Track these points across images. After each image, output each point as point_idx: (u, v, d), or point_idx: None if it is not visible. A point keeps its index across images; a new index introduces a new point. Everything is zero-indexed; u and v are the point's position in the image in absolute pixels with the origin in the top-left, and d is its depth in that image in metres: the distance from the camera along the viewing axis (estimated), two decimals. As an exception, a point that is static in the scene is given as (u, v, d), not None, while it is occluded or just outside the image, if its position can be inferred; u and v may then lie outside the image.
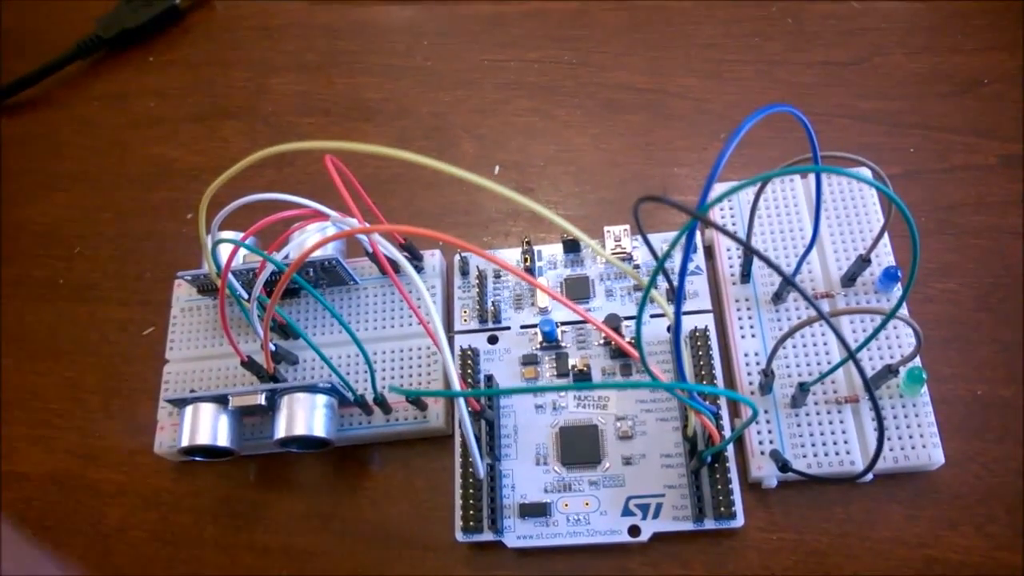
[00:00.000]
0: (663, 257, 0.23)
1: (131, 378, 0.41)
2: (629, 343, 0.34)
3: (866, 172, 0.32)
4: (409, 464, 0.37)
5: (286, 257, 0.33)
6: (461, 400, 0.25)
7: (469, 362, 0.36)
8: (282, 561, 0.36)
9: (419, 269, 0.39)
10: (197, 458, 0.37)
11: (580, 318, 0.37)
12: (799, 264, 0.34)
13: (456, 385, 0.24)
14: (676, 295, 0.23)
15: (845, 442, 0.33)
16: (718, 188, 0.36)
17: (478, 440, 0.32)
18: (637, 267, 0.38)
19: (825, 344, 0.35)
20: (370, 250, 0.37)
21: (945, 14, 0.44)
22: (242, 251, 0.39)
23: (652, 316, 0.37)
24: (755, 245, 0.36)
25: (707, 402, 0.32)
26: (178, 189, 0.46)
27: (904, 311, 0.28)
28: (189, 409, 0.36)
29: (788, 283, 0.21)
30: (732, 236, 0.21)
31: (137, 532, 0.38)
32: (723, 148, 0.22)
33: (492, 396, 0.35)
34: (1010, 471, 0.33)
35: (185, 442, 0.35)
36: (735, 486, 0.32)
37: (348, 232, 0.25)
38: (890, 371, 0.32)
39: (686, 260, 0.22)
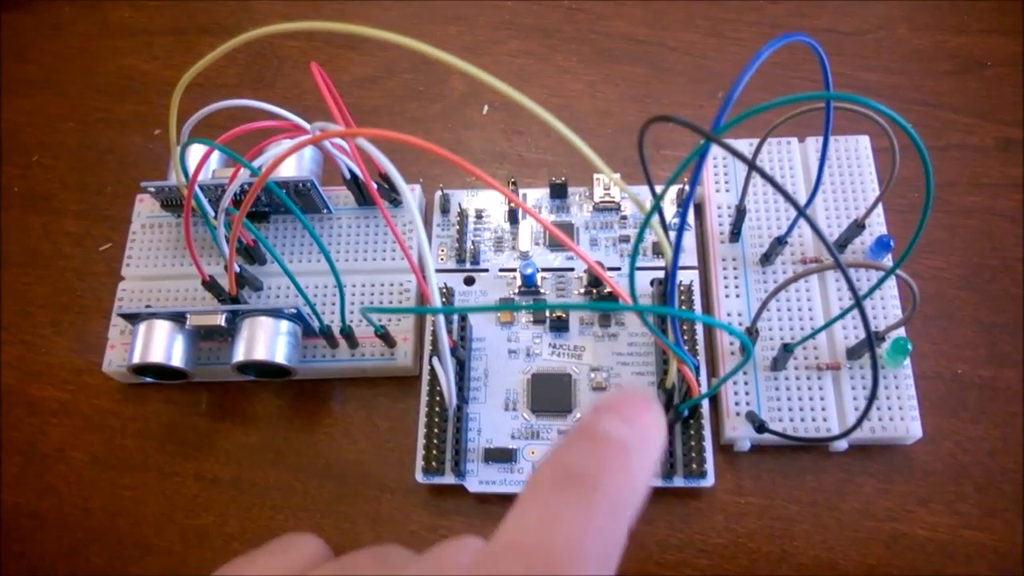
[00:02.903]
0: (669, 180, 0.21)
1: (84, 294, 0.39)
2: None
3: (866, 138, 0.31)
4: (372, 403, 0.36)
5: (259, 168, 0.31)
6: (440, 318, 0.23)
7: (443, 301, 0.35)
8: (230, 493, 0.35)
9: (396, 203, 0.38)
10: (147, 379, 0.36)
11: (561, 266, 0.36)
12: (794, 221, 0.33)
13: (436, 302, 0.23)
14: (679, 224, 0.21)
15: (823, 408, 0.32)
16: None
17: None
18: (624, 218, 0.37)
19: (810, 309, 0.34)
20: (348, 176, 0.35)
21: (952, -6, 0.43)
22: (211, 167, 0.37)
23: (636, 268, 0.35)
24: (747, 207, 0.35)
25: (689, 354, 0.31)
26: (148, 103, 0.44)
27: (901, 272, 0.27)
28: (143, 325, 0.34)
29: (799, 213, 0.19)
30: (741, 156, 0.20)
31: (78, 454, 0.36)
32: (743, 70, 0.21)
33: (465, 331, 0.34)
34: (983, 451, 0.33)
35: (136, 359, 0.33)
36: (707, 444, 0.31)
37: (332, 133, 0.23)
38: (877, 337, 0.31)
39: (694, 183, 0.21)
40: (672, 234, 0.30)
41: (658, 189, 0.24)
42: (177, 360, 0.34)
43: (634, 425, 0.19)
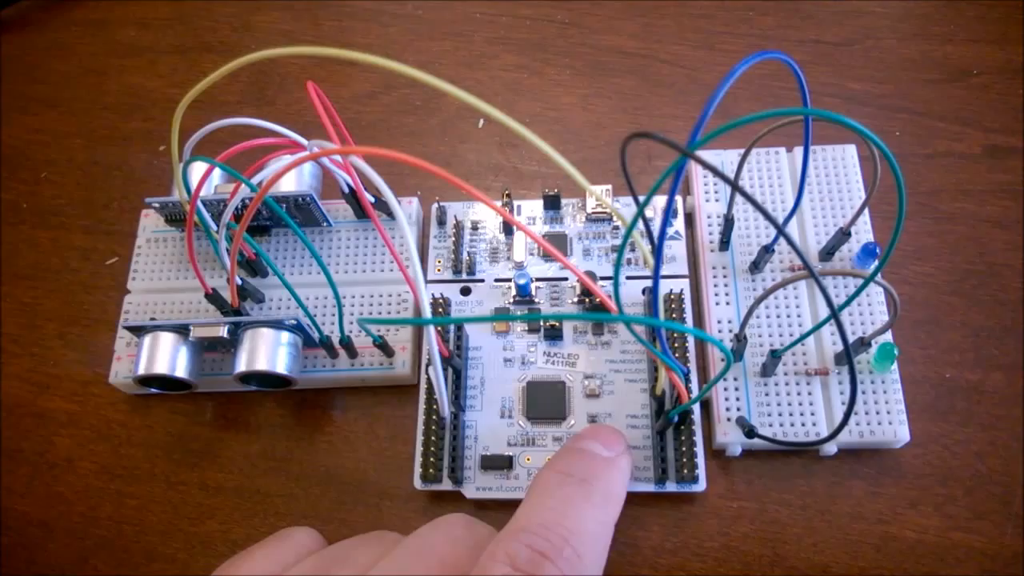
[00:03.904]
0: (650, 193, 0.22)
1: (91, 307, 0.40)
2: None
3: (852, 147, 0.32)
4: (372, 412, 0.37)
5: (259, 183, 0.32)
6: (432, 329, 0.24)
7: (440, 311, 0.36)
8: (234, 501, 0.35)
9: (393, 216, 0.39)
10: (153, 390, 0.37)
11: (554, 275, 0.37)
12: (779, 233, 0.33)
13: (427, 313, 0.23)
14: (659, 235, 0.22)
15: (812, 414, 0.33)
16: (705, 156, 0.36)
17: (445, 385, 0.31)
18: (616, 228, 0.38)
19: (799, 315, 0.34)
20: (346, 190, 0.36)
21: (939, 3, 0.44)
22: (213, 182, 0.38)
23: (628, 277, 0.36)
24: (735, 216, 0.36)
25: (678, 361, 0.32)
26: (153, 120, 0.45)
27: (881, 278, 0.27)
28: (148, 337, 0.35)
29: (778, 230, 0.20)
30: (717, 172, 0.21)
31: (86, 464, 0.37)
32: (717, 87, 0.22)
33: (461, 340, 0.34)
34: (971, 453, 0.33)
35: (142, 370, 0.34)
36: (699, 449, 0.32)
37: (328, 151, 0.24)
38: (863, 343, 0.32)
39: (672, 196, 0.21)
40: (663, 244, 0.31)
41: (646, 211, 0.25)
42: (181, 371, 0.35)
43: (611, 448, 0.26)
